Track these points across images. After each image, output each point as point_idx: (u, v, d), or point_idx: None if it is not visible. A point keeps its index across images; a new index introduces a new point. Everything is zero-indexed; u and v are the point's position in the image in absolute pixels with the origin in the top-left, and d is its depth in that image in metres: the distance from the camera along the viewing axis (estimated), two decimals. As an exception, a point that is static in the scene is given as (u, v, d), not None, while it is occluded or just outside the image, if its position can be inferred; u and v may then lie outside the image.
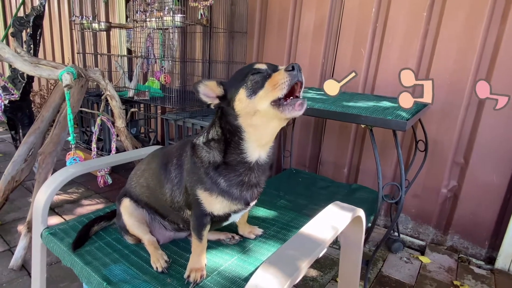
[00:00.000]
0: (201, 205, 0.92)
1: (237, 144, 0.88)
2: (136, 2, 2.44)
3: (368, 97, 1.85)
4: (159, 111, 3.28)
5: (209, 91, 0.88)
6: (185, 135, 2.46)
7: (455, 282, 1.75)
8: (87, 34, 2.92)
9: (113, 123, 2.02)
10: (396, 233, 2.12)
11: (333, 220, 0.91)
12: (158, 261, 0.99)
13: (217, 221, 0.99)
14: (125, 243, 1.11)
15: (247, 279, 0.95)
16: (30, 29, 2.45)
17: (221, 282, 0.94)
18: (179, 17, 2.13)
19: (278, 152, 2.58)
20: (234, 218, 1.03)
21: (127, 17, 2.87)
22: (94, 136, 2.02)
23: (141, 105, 3.10)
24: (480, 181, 1.90)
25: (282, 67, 0.84)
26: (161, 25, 2.16)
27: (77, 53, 3.09)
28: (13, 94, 2.43)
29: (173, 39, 2.23)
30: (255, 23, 2.59)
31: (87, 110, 2.52)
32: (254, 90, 0.82)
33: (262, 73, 0.82)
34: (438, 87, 1.94)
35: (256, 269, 0.98)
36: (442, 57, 1.91)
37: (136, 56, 2.62)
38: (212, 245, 1.12)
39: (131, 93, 2.54)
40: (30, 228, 1.72)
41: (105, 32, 3.17)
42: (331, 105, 1.43)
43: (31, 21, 2.44)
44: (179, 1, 2.32)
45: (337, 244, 1.99)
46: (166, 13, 2.10)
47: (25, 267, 1.71)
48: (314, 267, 1.83)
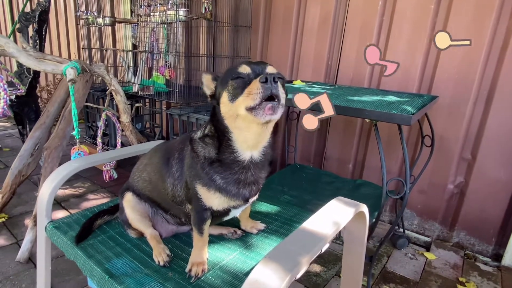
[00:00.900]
0: (200, 200, 0.92)
1: (228, 143, 0.87)
2: (140, -4, 2.44)
3: (374, 92, 1.83)
4: (164, 106, 3.29)
5: (209, 84, 0.88)
6: (189, 130, 2.46)
7: (460, 279, 1.73)
8: (92, 29, 2.93)
9: (118, 118, 2.03)
10: (401, 229, 2.10)
11: (335, 216, 0.90)
12: (160, 255, 0.99)
13: (218, 215, 0.98)
14: (128, 237, 1.12)
15: (248, 273, 0.94)
16: (36, 25, 2.46)
17: (222, 276, 0.94)
18: (182, 11, 2.12)
19: (283, 147, 2.57)
20: (234, 213, 1.02)
21: (131, 11, 2.86)
22: (99, 131, 2.04)
23: (147, 100, 3.11)
24: (488, 177, 1.87)
25: (268, 68, 0.82)
26: (165, 19, 2.15)
27: (83, 48, 3.11)
28: (19, 89, 2.46)
29: (177, 33, 2.23)
30: (259, 17, 2.57)
31: (92, 105, 2.53)
32: (235, 95, 0.80)
33: (243, 78, 0.80)
34: (445, 81, 1.91)
35: (257, 264, 0.98)
36: (449, 51, 1.86)
37: (141, 51, 2.62)
38: (214, 239, 1.12)
39: (135, 88, 2.54)
40: (36, 222, 1.74)
41: (110, 27, 3.17)
42: (335, 100, 1.41)
43: (37, 16, 2.45)
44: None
45: (340, 239, 1.98)
46: (170, 7, 2.10)
47: (32, 260, 1.73)
48: (317, 262, 1.82)
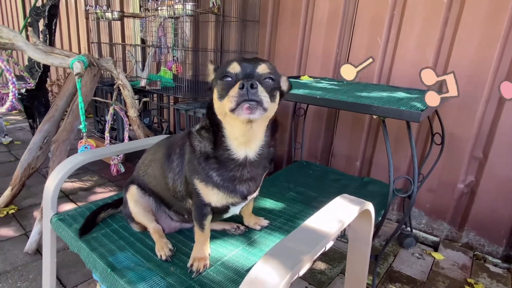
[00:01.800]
0: (199, 195, 0.91)
1: (222, 140, 0.87)
2: (148, -9, 2.44)
3: (383, 88, 1.79)
4: (171, 101, 3.29)
5: (211, 74, 0.87)
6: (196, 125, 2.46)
7: (469, 280, 1.70)
8: (102, 23, 2.94)
9: (126, 112, 2.04)
10: (409, 228, 2.07)
11: (339, 213, 0.88)
12: (163, 249, 0.99)
13: (217, 212, 0.98)
14: (131, 230, 1.12)
15: (250, 269, 0.94)
16: (46, 19, 2.48)
17: (224, 272, 0.93)
18: (190, 5, 2.11)
19: (289, 144, 2.55)
20: (234, 211, 1.02)
21: (140, 6, 2.87)
22: (107, 125, 2.05)
23: (155, 95, 3.12)
24: (499, 177, 1.82)
25: (259, 68, 0.80)
26: (172, 14, 2.14)
27: (92, 42, 3.13)
28: (29, 83, 2.49)
29: (184, 28, 2.22)
30: (267, 11, 2.54)
31: (100, 99, 2.55)
32: (222, 95, 0.80)
33: (230, 79, 0.80)
34: (457, 78, 1.86)
35: (259, 260, 0.97)
36: (462, 46, 1.82)
37: (149, 46, 2.62)
38: (217, 235, 1.11)
39: (143, 83, 2.55)
40: (44, 214, 1.77)
41: (119, 22, 3.18)
42: (342, 95, 1.38)
43: (47, 10, 2.47)
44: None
45: (345, 237, 1.96)
46: (177, 1, 2.08)
47: (40, 252, 1.76)
48: (322, 260, 1.81)
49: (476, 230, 1.96)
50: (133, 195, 1.09)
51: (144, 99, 2.46)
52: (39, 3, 2.60)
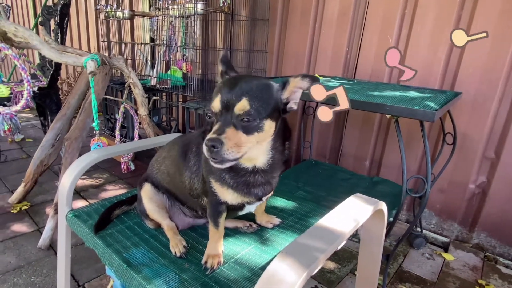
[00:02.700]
0: (215, 194, 0.92)
1: None
2: (159, -10, 2.45)
3: (394, 87, 1.78)
4: (180, 100, 3.31)
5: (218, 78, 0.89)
6: (205, 123, 2.47)
7: (480, 281, 1.68)
8: (112, 22, 2.97)
9: (136, 111, 2.06)
10: (419, 229, 2.06)
11: (353, 212, 0.88)
12: (177, 246, 1.00)
13: (233, 209, 0.98)
14: (145, 227, 1.14)
15: (264, 267, 0.94)
16: (58, 18, 2.51)
17: (238, 269, 0.94)
18: (200, 4, 2.11)
19: (298, 143, 2.55)
20: (249, 209, 1.02)
21: (150, 5, 2.88)
22: (117, 123, 2.07)
23: (163, 94, 3.14)
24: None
25: (236, 107, 0.76)
26: (183, 13, 2.16)
27: (102, 41, 3.16)
28: (41, 81, 2.52)
29: (194, 27, 2.23)
30: (277, 10, 2.54)
31: (111, 97, 2.58)
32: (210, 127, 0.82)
33: (211, 116, 0.81)
34: (469, 77, 1.84)
35: (272, 259, 0.97)
36: (475, 45, 1.80)
37: (159, 45, 2.64)
38: (230, 232, 1.12)
39: (153, 82, 2.57)
40: (57, 210, 1.79)
41: (129, 21, 3.21)
42: (355, 94, 1.38)
43: (59, 9, 2.50)
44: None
45: (356, 237, 1.95)
46: (188, 0, 2.09)
47: (53, 247, 1.79)
48: (332, 259, 1.81)
49: (487, 231, 1.94)
50: (147, 192, 1.10)
51: (154, 97, 2.49)
52: (49, 2, 2.64)
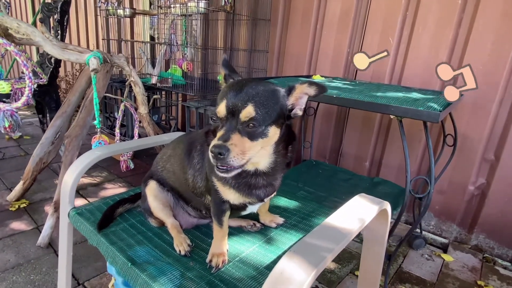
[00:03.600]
0: (218, 192, 0.92)
1: None
2: (161, -12, 2.44)
3: (396, 88, 1.79)
4: (180, 99, 3.30)
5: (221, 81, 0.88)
6: (206, 123, 2.47)
7: (479, 282, 1.70)
8: (111, 20, 2.95)
9: (136, 109, 2.05)
10: (418, 230, 2.07)
11: (359, 212, 0.89)
12: (181, 244, 1.00)
13: (235, 209, 0.98)
14: (149, 225, 1.13)
15: (269, 266, 0.95)
16: (58, 15, 2.49)
17: (243, 268, 0.94)
18: (203, 3, 2.11)
19: (298, 143, 2.55)
20: (252, 209, 1.02)
21: (150, 3, 2.87)
22: (117, 122, 2.06)
23: (162, 93, 3.13)
24: (511, 179, 1.82)
25: (242, 114, 0.75)
26: (185, 11, 2.15)
27: (102, 39, 3.14)
28: (41, 79, 2.50)
29: (195, 25, 2.23)
30: (279, 10, 2.54)
31: (111, 95, 2.56)
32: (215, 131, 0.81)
33: (216, 120, 0.80)
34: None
35: (277, 258, 0.98)
36: (476, 47, 1.82)
37: (160, 43, 2.63)
38: (234, 231, 1.12)
39: (154, 80, 2.56)
40: (56, 208, 1.79)
41: (129, 19, 3.20)
42: (358, 95, 1.38)
43: (59, 7, 2.48)
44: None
45: (358, 237, 1.96)
46: (191, -1, 2.09)
47: (52, 245, 1.78)
48: (332, 259, 1.81)
49: (486, 233, 1.95)
50: (152, 190, 1.10)
51: (155, 96, 2.48)
52: (49, 0, 2.62)
